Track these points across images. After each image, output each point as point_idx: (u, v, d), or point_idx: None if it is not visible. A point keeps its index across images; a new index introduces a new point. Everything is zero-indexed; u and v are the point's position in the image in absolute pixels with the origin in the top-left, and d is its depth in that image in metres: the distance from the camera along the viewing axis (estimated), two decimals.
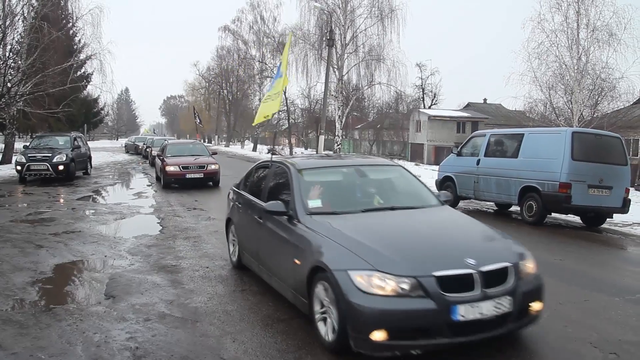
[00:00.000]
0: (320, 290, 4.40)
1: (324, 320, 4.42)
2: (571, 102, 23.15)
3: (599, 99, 23.28)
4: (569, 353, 4.44)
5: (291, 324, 5.05)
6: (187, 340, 4.67)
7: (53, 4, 24.27)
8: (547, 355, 4.41)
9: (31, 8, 23.77)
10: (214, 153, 20.07)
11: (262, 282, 6.45)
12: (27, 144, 21.41)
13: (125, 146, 52.18)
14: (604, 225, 11.83)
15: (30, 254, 7.90)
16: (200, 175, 17.30)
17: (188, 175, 17.08)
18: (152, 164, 26.19)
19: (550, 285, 6.61)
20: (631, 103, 25.61)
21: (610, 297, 6.13)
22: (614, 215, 11.86)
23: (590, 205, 11.25)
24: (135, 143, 46.63)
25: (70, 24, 30.15)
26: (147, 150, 33.69)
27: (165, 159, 17.84)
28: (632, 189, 13.78)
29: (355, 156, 10.96)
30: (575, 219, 12.43)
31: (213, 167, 17.66)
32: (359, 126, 57.69)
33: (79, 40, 33.74)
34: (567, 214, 12.34)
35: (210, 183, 17.82)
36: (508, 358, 4.32)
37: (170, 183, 17.21)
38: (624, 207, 11.50)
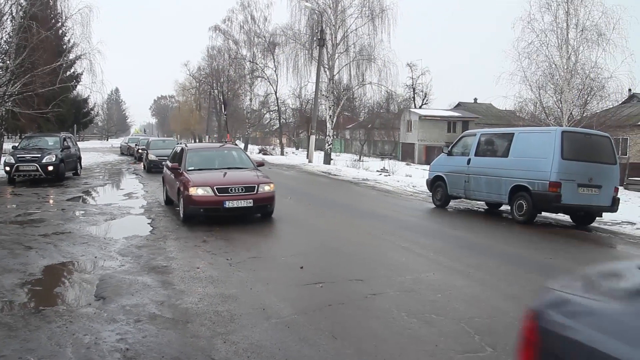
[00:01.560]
0: None
1: None
2: (561, 102, 23.28)
3: (589, 98, 23.44)
4: None
5: (282, 325, 5.04)
6: (177, 341, 4.65)
7: (42, 4, 24.05)
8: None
9: (20, 7, 23.56)
10: (260, 164, 12.74)
11: (253, 282, 6.46)
12: (16, 144, 21.25)
13: (120, 148, 48.99)
14: (594, 224, 11.91)
15: (19, 256, 7.84)
16: (248, 203, 10.42)
17: (228, 204, 10.27)
18: (149, 170, 23.63)
19: (540, 284, 6.66)
20: (620, 102, 25.82)
21: None
22: (604, 214, 11.94)
23: (580, 204, 11.32)
24: (129, 144, 42.87)
25: (60, 23, 29.91)
26: (140, 151, 31.52)
27: (185, 173, 11.19)
28: (621, 188, 13.88)
29: None
30: (565, 218, 12.50)
31: (267, 188, 10.74)
32: (350, 126, 57.83)
33: (69, 40, 33.61)
34: (557, 213, 12.41)
35: (259, 215, 11.26)
36: (499, 356, 4.34)
37: (197, 214, 10.71)
38: (613, 205, 11.58)
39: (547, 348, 2.00)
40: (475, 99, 59.50)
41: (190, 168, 11.49)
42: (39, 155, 18.70)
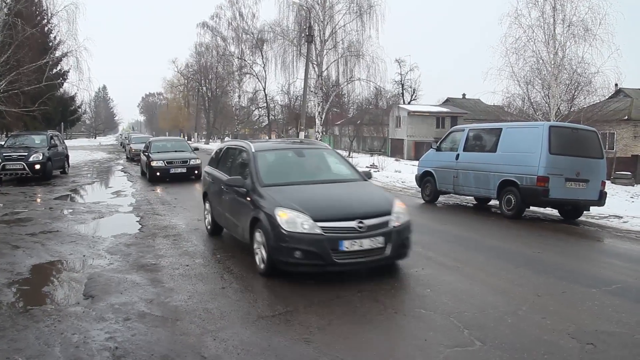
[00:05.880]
0: None
1: None
2: (548, 97, 23.42)
3: (576, 93, 23.59)
4: (547, 344, 4.50)
5: (272, 322, 5.05)
6: (167, 339, 4.64)
7: (27, 0, 23.81)
8: (527, 346, 4.45)
9: (4, 4, 23.28)
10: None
11: (242, 279, 6.45)
12: (2, 142, 21.04)
13: (124, 150, 40.22)
14: (581, 218, 12.00)
15: (6, 255, 7.77)
16: None
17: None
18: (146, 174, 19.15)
19: (528, 277, 6.71)
20: (607, 97, 26.01)
21: (587, 289, 6.21)
22: (591, 207, 12.03)
23: (567, 198, 11.40)
24: (131, 145, 33.25)
25: (45, 20, 29.63)
26: (155, 164, 19.87)
27: None
28: (608, 182, 14.00)
29: None
30: (553, 212, 12.59)
31: None
32: (339, 122, 57.78)
33: (55, 37, 33.18)
34: (545, 207, 12.49)
35: None
36: (488, 350, 4.36)
37: None
38: (601, 199, 11.67)
39: None
40: (464, 95, 59.70)
41: None
42: (26, 153, 18.53)
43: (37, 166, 18.39)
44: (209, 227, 9.28)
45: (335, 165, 8.26)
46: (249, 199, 7.05)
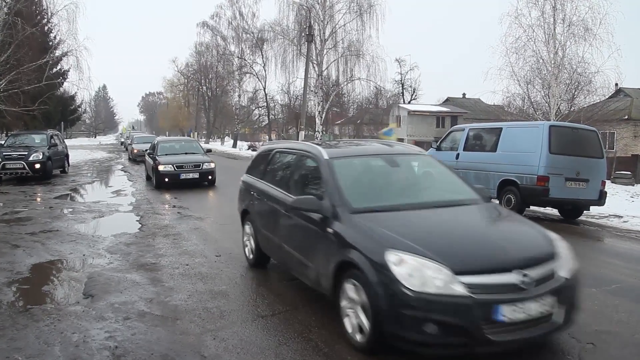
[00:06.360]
0: None
1: None
2: (548, 96, 23.38)
3: (576, 93, 23.55)
4: (547, 344, 4.49)
5: (272, 321, 5.05)
6: (167, 338, 4.63)
7: (27, 0, 23.82)
8: (526, 346, 4.44)
9: (4, 3, 23.28)
10: None
11: (242, 278, 6.44)
12: (2, 142, 21.03)
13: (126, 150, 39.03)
14: (581, 218, 12.00)
15: (6, 254, 7.77)
16: None
17: None
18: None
19: None
20: (607, 97, 25.98)
21: (587, 288, 6.19)
22: (591, 207, 12.03)
23: (567, 198, 11.40)
24: (132, 145, 32.41)
25: (45, 19, 29.63)
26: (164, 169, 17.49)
27: None
28: (608, 182, 13.99)
29: None
30: (553, 211, 12.58)
31: None
32: (339, 122, 57.83)
33: (55, 37, 33.12)
34: (545, 207, 12.49)
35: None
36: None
37: None
38: (601, 199, 11.67)
39: None
40: (464, 94, 59.65)
41: None
42: (26, 153, 18.53)
43: (37, 165, 18.39)
44: (250, 256, 7.02)
45: (442, 179, 5.90)
46: (330, 230, 4.73)
